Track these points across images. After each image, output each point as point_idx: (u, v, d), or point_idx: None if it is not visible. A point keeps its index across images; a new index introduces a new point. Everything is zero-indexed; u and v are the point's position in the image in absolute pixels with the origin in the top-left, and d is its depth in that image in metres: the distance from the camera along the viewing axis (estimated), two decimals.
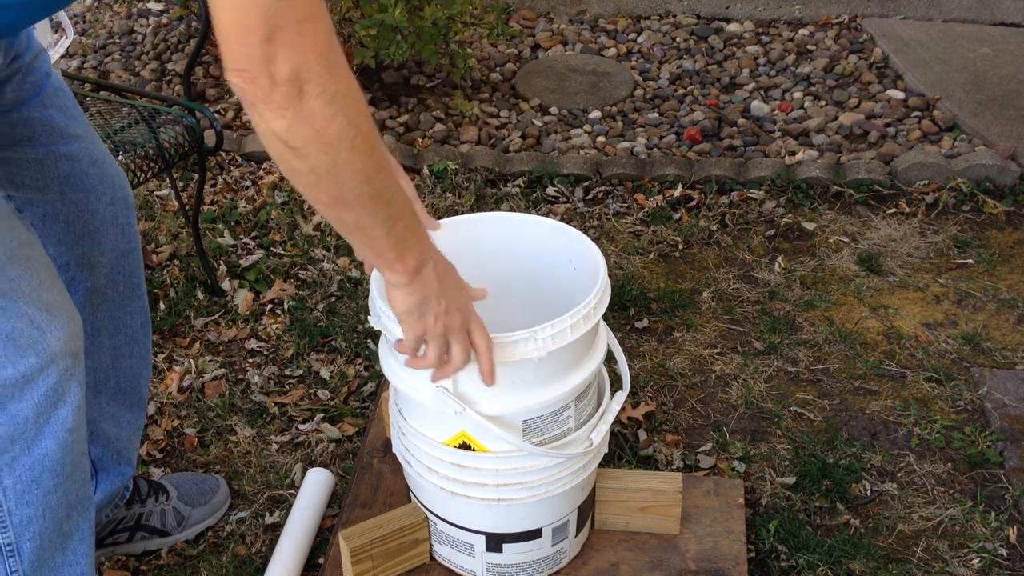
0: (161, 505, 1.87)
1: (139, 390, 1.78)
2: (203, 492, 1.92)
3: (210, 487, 1.94)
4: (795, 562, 1.81)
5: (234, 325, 2.41)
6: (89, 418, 1.68)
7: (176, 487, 1.91)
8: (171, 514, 1.87)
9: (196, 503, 1.90)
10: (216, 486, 1.94)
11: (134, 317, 1.72)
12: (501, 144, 3.08)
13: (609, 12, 3.83)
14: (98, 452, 1.74)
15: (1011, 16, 3.67)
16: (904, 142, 3.02)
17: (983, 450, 2.03)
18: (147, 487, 1.87)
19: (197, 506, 1.90)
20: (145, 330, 1.75)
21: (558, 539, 1.68)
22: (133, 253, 1.68)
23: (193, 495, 1.91)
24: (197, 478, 1.96)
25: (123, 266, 1.66)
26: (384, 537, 1.67)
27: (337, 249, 2.63)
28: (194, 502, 1.90)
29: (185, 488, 1.91)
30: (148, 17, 3.84)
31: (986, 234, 2.67)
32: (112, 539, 1.84)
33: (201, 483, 1.94)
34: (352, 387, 2.23)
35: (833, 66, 3.43)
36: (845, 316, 2.40)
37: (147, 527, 1.85)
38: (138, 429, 1.81)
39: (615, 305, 2.42)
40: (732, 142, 3.06)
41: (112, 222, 1.62)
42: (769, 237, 2.67)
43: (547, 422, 1.53)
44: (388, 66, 3.29)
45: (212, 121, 2.27)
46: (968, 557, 1.83)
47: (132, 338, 1.73)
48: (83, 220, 1.58)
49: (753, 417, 2.14)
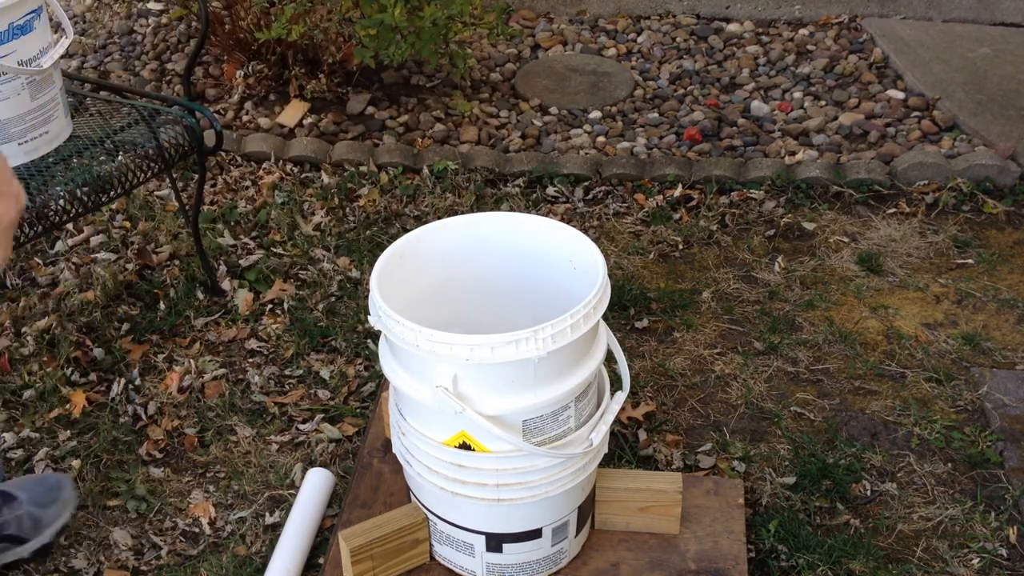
0: (15, 511, 1.83)
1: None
2: (49, 490, 1.88)
3: (54, 484, 1.89)
4: (795, 562, 1.81)
5: (234, 325, 2.41)
6: None
7: (24, 490, 1.86)
8: (27, 519, 1.83)
9: (46, 503, 1.86)
10: (58, 483, 1.90)
11: None
12: (501, 144, 3.08)
13: (609, 12, 3.83)
14: None
15: (1011, 16, 3.67)
16: (904, 142, 3.02)
17: (983, 450, 2.03)
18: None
19: (48, 506, 1.86)
20: None
21: (558, 539, 1.68)
22: None
23: (41, 495, 1.86)
24: (38, 478, 1.92)
25: None
26: (384, 537, 1.67)
27: (337, 249, 2.64)
28: (44, 502, 1.86)
29: (33, 490, 1.87)
30: (148, 17, 3.84)
31: (986, 234, 2.67)
32: None
33: (44, 482, 1.90)
34: (352, 387, 2.23)
35: (833, 66, 3.43)
36: (845, 316, 2.40)
37: (5, 536, 1.81)
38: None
39: (615, 305, 2.42)
40: (732, 142, 3.06)
41: None
42: (769, 237, 2.67)
43: (547, 422, 1.53)
44: (388, 66, 3.29)
45: (212, 121, 2.27)
46: (968, 557, 1.83)
47: None
48: None
49: (753, 417, 2.14)
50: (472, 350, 1.44)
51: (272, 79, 3.26)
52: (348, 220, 2.75)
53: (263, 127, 3.14)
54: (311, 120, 3.16)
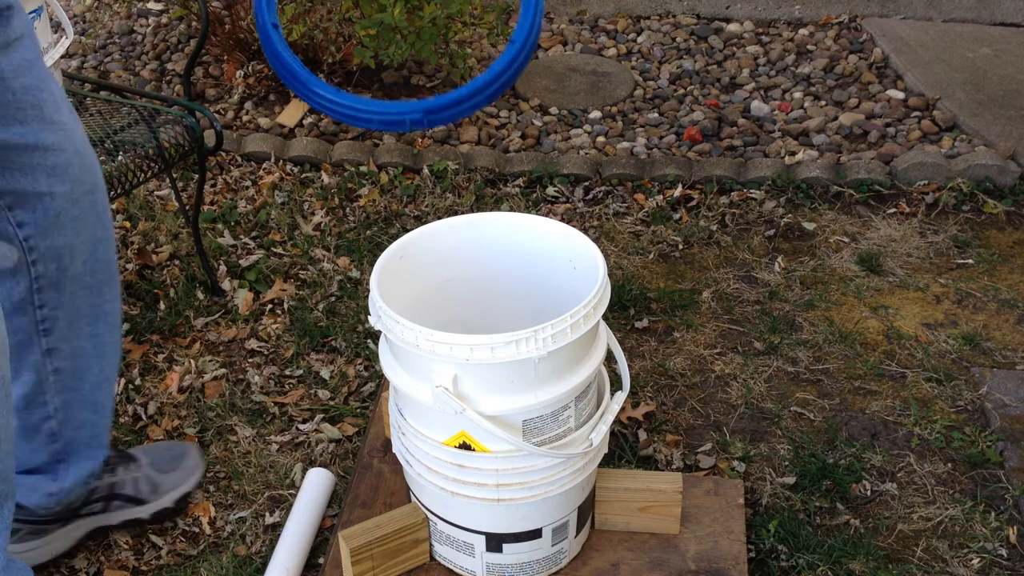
0: (132, 473, 1.86)
1: (114, 377, 1.80)
2: (174, 458, 1.92)
3: (180, 452, 1.93)
4: (795, 562, 1.81)
5: (234, 325, 2.41)
6: (67, 401, 1.71)
7: (147, 454, 1.91)
8: (144, 481, 1.87)
9: (168, 469, 1.89)
10: (186, 451, 1.94)
11: (112, 304, 1.73)
12: (501, 144, 3.08)
13: (609, 12, 3.83)
14: (70, 435, 1.75)
15: (1011, 16, 3.67)
16: (904, 142, 3.02)
17: (983, 450, 2.03)
18: (116, 457, 1.87)
19: (169, 472, 1.89)
20: (119, 317, 1.76)
21: (558, 539, 1.68)
22: (108, 241, 1.68)
23: (164, 461, 1.90)
24: (166, 446, 1.96)
25: (99, 253, 1.67)
26: (384, 537, 1.67)
27: (337, 249, 2.64)
28: (165, 468, 1.89)
29: (156, 455, 1.91)
30: (148, 17, 3.84)
31: (986, 234, 2.67)
32: (87, 509, 1.84)
33: (170, 450, 1.94)
34: (352, 387, 2.23)
35: (833, 66, 3.43)
36: (845, 316, 2.40)
37: (121, 496, 1.85)
38: (111, 411, 1.82)
39: (615, 305, 2.42)
40: (732, 142, 3.06)
41: (91, 210, 1.63)
42: (769, 237, 2.67)
43: (547, 422, 1.53)
44: (388, 66, 3.29)
45: (212, 121, 2.27)
46: (968, 557, 1.83)
47: (112, 325, 1.74)
48: (67, 210, 1.59)
49: (753, 417, 2.14)
50: (472, 350, 1.44)
51: (272, 79, 3.26)
52: (348, 220, 2.75)
53: (263, 127, 3.14)
54: (311, 120, 3.16)
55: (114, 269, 1.72)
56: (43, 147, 1.52)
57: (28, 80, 1.49)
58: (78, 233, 1.62)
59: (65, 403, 1.72)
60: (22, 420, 1.71)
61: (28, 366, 1.67)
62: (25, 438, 1.73)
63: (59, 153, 1.55)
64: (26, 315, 1.63)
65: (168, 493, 1.89)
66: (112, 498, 1.85)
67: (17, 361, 1.66)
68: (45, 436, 1.74)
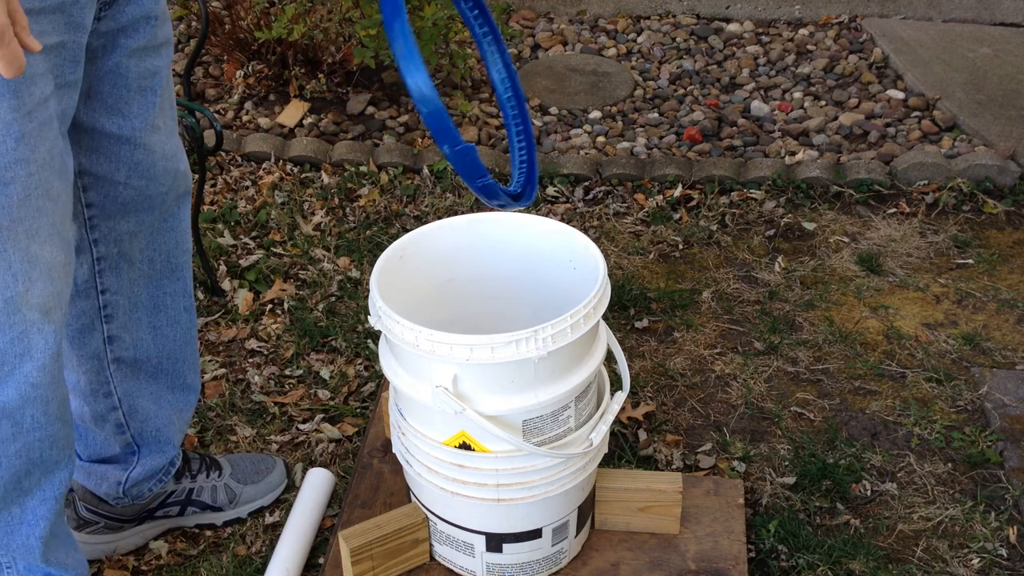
0: (212, 481, 1.90)
1: (182, 374, 1.81)
2: (258, 471, 1.95)
3: (266, 467, 1.96)
4: (795, 562, 1.81)
5: (234, 325, 2.41)
6: (126, 391, 1.74)
7: (231, 464, 1.94)
8: (222, 491, 1.90)
9: (249, 481, 1.93)
10: (272, 466, 1.97)
11: (175, 299, 1.75)
12: (501, 144, 3.07)
13: (609, 12, 3.83)
14: (137, 427, 1.78)
15: (1011, 16, 3.67)
16: (904, 142, 3.02)
17: (983, 450, 2.03)
18: (200, 462, 1.91)
19: (249, 484, 1.93)
20: (189, 315, 1.78)
21: (558, 539, 1.68)
22: (171, 233, 1.70)
23: (247, 473, 1.94)
24: (254, 458, 1.99)
25: (159, 244, 1.69)
26: (384, 537, 1.67)
27: (337, 249, 2.64)
28: (247, 480, 1.93)
29: (240, 466, 1.94)
30: None
31: (986, 234, 2.67)
32: (163, 511, 1.88)
33: (257, 462, 1.97)
34: (352, 387, 2.23)
35: (833, 66, 3.43)
36: (845, 316, 2.40)
37: (198, 502, 1.89)
38: (182, 411, 1.84)
39: (615, 305, 2.42)
40: (732, 142, 3.06)
41: (160, 203, 1.65)
42: (769, 237, 2.67)
43: (547, 422, 1.53)
44: (388, 66, 3.29)
45: (212, 121, 2.27)
46: (968, 557, 1.83)
47: (173, 319, 1.76)
48: (135, 201, 1.62)
49: (753, 417, 2.14)
50: (472, 350, 1.44)
51: (272, 79, 3.26)
52: (348, 220, 2.75)
53: (263, 127, 3.14)
54: (311, 120, 3.16)
55: (177, 265, 1.73)
56: (134, 143, 1.56)
57: (148, 84, 1.55)
58: (141, 223, 1.65)
59: (128, 394, 1.75)
60: (90, 407, 1.75)
61: (90, 353, 1.70)
62: (97, 426, 1.77)
63: (147, 153, 1.58)
64: (89, 298, 1.66)
65: (245, 505, 1.93)
66: (189, 503, 1.89)
67: (80, 348, 1.69)
68: (113, 426, 1.77)
